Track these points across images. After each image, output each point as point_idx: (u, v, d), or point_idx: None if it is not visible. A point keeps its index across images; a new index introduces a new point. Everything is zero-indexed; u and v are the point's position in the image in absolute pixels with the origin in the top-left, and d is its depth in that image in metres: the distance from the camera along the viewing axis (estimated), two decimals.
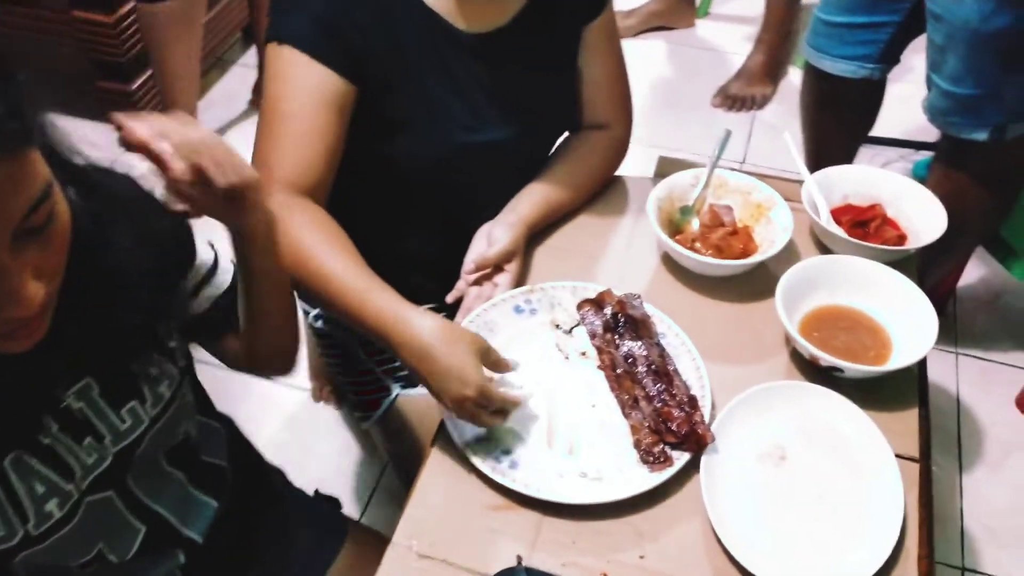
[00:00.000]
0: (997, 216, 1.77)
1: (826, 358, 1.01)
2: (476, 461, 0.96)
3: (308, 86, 1.05)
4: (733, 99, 2.76)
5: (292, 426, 1.88)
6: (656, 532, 0.92)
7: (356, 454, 1.86)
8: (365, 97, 1.09)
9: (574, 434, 1.00)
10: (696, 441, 0.96)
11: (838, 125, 1.97)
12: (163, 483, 0.92)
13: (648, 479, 0.94)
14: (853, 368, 1.01)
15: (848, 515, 0.93)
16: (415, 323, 0.95)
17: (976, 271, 2.24)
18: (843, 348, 1.07)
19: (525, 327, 1.10)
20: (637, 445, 0.98)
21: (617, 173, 1.34)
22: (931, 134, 2.37)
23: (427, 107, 1.12)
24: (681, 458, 0.96)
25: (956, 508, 1.77)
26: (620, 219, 1.29)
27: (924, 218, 1.22)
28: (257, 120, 1.09)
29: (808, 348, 1.02)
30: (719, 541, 0.89)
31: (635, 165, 1.39)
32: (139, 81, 2.37)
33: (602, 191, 1.31)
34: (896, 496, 0.92)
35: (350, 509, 1.72)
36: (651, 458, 0.96)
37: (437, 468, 0.99)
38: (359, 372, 1.36)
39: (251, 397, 1.90)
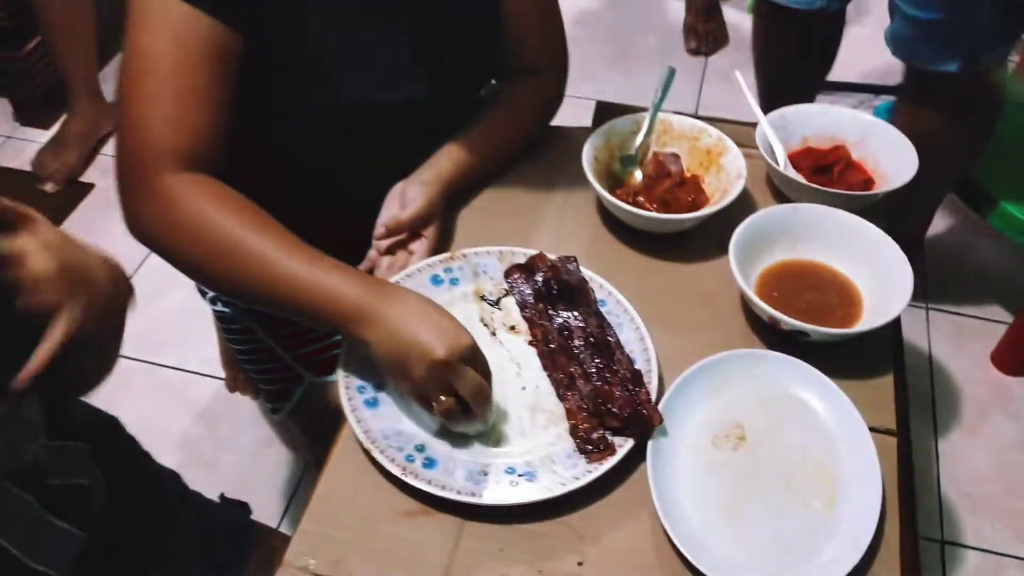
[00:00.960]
0: (971, 157, 1.70)
1: (788, 321, 0.94)
2: (384, 461, 0.85)
3: (184, 35, 0.90)
4: (702, 37, 2.72)
5: (205, 419, 1.78)
6: (597, 533, 0.84)
7: (277, 449, 1.76)
8: (250, 49, 0.95)
9: (500, 422, 0.91)
10: (641, 424, 0.87)
11: (795, 65, 1.89)
12: (10, 510, 0.80)
13: (587, 472, 0.85)
14: (819, 331, 0.94)
15: (819, 502, 0.86)
16: (401, 290, 0.90)
17: (945, 220, 2.19)
18: (807, 309, 1.00)
19: (445, 300, 0.99)
20: (574, 432, 0.89)
21: (553, 124, 1.25)
22: (890, 78, 2.32)
23: (326, 62, 0.99)
24: (624, 445, 0.87)
25: (933, 476, 1.72)
26: (554, 174, 1.19)
27: (893, 160, 1.15)
28: (119, 80, 0.93)
29: (767, 310, 0.95)
30: (670, 541, 0.81)
31: (575, 120, 1.29)
32: (31, 46, 2.27)
33: (534, 144, 1.22)
34: (872, 476, 0.86)
35: (270, 511, 1.62)
36: (590, 447, 0.87)
37: (339, 472, 0.88)
38: (266, 359, 1.25)
39: (159, 389, 1.80)
